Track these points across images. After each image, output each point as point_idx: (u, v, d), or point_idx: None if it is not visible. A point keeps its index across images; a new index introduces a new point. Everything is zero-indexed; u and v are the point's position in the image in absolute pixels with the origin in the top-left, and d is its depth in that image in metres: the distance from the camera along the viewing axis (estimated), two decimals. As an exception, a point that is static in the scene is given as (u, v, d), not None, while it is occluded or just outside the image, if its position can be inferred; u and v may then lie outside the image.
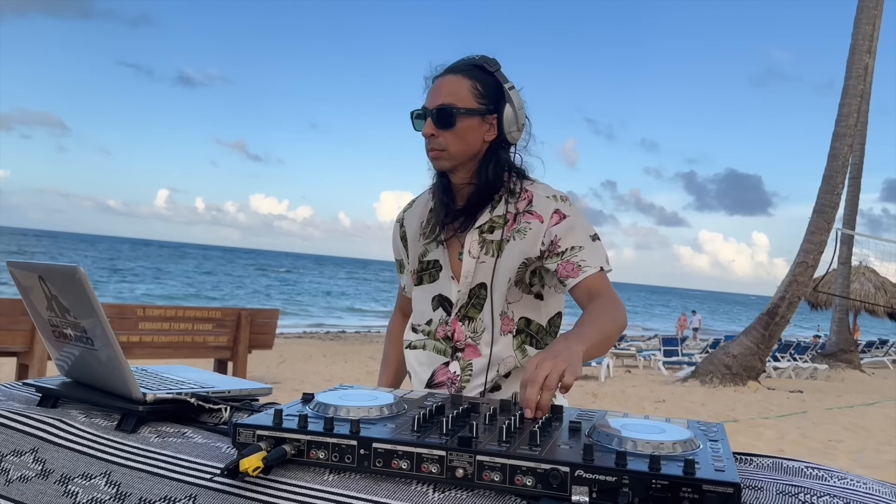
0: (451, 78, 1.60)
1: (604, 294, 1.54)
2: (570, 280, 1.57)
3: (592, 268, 1.57)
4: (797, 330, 35.15)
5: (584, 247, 1.59)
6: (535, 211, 1.63)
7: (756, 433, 7.41)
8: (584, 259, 1.57)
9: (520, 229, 1.62)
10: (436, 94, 1.60)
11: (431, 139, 1.59)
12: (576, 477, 0.87)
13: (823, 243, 12.42)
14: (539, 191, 1.65)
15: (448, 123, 1.58)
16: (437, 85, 1.61)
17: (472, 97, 1.58)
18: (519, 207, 1.64)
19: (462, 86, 1.59)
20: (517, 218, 1.63)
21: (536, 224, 1.61)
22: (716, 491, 0.83)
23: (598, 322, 1.45)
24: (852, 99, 12.34)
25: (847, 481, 0.99)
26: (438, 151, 1.60)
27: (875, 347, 22.85)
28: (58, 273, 1.15)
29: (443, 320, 1.69)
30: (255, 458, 0.93)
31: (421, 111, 1.62)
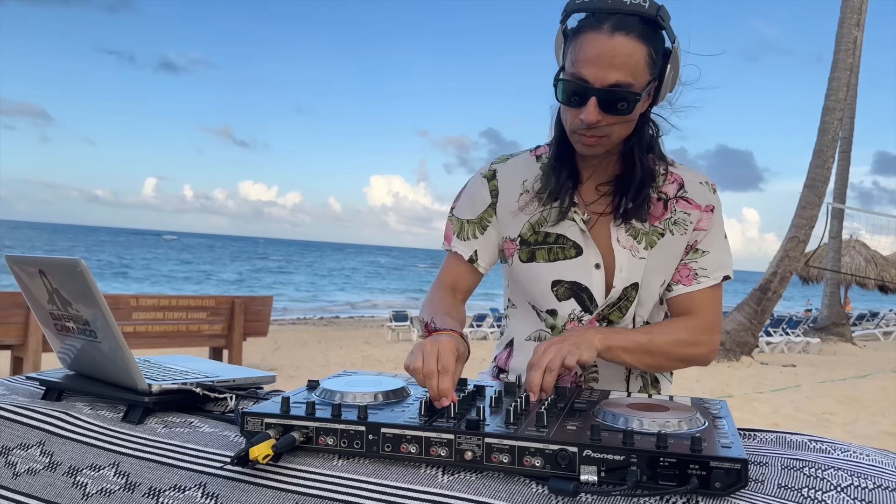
0: (625, 43, 1.20)
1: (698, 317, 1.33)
2: (678, 286, 1.36)
3: (711, 279, 1.36)
4: (786, 304, 35.39)
5: (711, 252, 1.37)
6: (691, 199, 1.38)
7: (751, 408, 7.48)
8: (706, 267, 1.36)
9: (677, 221, 1.37)
10: (606, 67, 1.20)
11: (591, 126, 1.25)
12: (584, 457, 0.88)
13: (814, 218, 12.49)
14: (688, 174, 1.40)
15: (623, 109, 1.23)
16: (604, 50, 1.20)
17: (648, 70, 1.23)
18: (668, 193, 1.38)
19: (640, 55, 1.21)
20: (668, 205, 1.37)
21: (695, 213, 1.37)
22: (723, 467, 0.84)
23: (651, 335, 1.27)
24: (841, 73, 12.35)
25: (850, 453, 1.00)
26: (598, 138, 1.27)
27: (866, 320, 23.07)
28: (59, 266, 1.15)
29: (575, 316, 1.39)
30: (264, 446, 0.93)
31: (577, 83, 1.23)
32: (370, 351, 12.62)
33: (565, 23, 1.29)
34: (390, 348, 13.07)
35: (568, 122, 1.30)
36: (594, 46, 1.20)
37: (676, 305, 1.38)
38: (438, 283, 1.48)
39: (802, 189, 12.52)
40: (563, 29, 1.29)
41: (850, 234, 19.46)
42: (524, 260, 1.42)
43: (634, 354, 1.26)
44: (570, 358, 1.15)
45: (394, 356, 11.90)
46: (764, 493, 0.86)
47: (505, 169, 1.46)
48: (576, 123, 1.27)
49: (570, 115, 1.28)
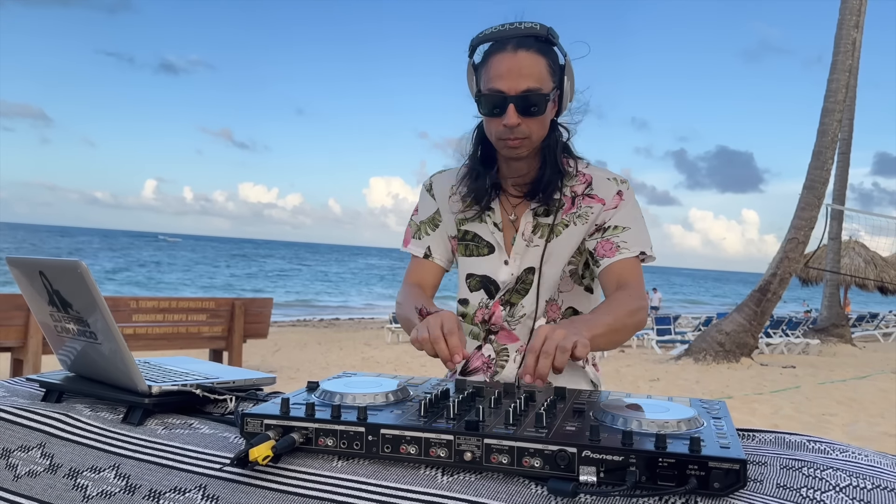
0: (528, 56, 1.43)
1: (631, 285, 1.45)
2: (604, 260, 1.49)
3: (631, 251, 1.49)
4: (780, 305, 35.42)
5: (629, 227, 1.51)
6: (595, 194, 1.54)
7: (750, 409, 7.48)
8: (626, 240, 1.50)
9: (581, 214, 1.54)
10: (516, 77, 1.42)
11: (513, 129, 1.44)
12: (583, 457, 0.88)
13: (814, 219, 12.48)
14: (598, 173, 1.56)
15: (536, 111, 1.43)
16: (512, 65, 1.42)
17: (549, 77, 1.45)
18: (577, 191, 1.54)
19: (541, 65, 1.44)
20: (575, 201, 1.54)
21: (598, 207, 1.53)
22: (722, 467, 0.84)
23: (614, 314, 1.37)
24: (840, 74, 12.36)
25: (848, 454, 1.00)
26: (521, 140, 1.46)
27: (866, 321, 23.05)
28: (59, 268, 1.15)
29: (483, 303, 1.59)
30: (264, 447, 0.93)
31: (495, 95, 1.43)
32: (370, 352, 12.62)
33: (472, 56, 1.50)
34: (390, 350, 13.07)
35: (493, 132, 1.49)
36: (503, 63, 1.43)
37: (607, 277, 1.49)
38: (406, 284, 1.67)
39: (802, 190, 12.52)
40: (471, 63, 1.51)
41: (850, 235, 19.48)
42: (463, 254, 1.63)
43: (606, 337, 1.34)
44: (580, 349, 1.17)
45: (394, 357, 11.89)
46: (763, 494, 0.86)
47: (439, 178, 1.69)
48: (500, 130, 1.46)
49: (493, 125, 1.48)
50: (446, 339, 1.22)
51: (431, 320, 1.27)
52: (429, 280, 1.65)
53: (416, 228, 1.69)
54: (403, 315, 1.54)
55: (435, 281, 1.66)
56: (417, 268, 1.67)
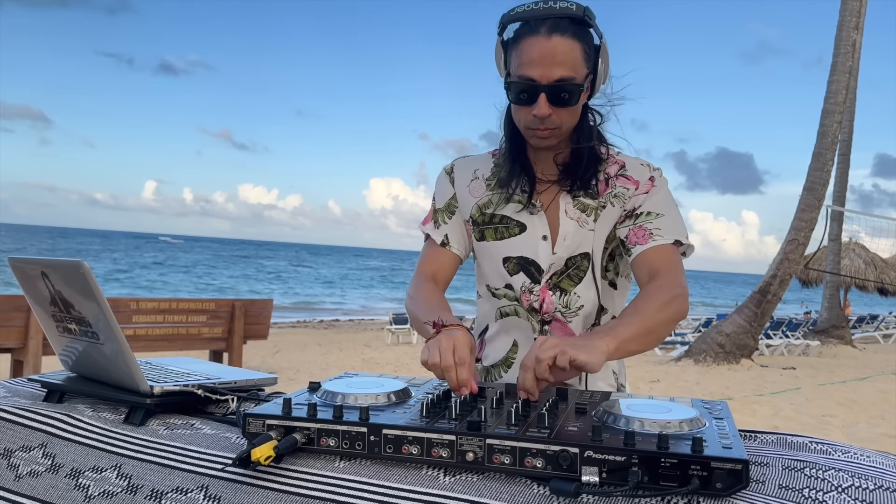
0: (563, 42, 1.33)
1: (663, 274, 1.35)
2: (637, 248, 1.41)
3: (665, 238, 1.40)
4: (781, 306, 35.39)
5: (664, 214, 1.43)
6: (630, 175, 1.48)
7: (751, 410, 7.48)
8: (660, 227, 1.42)
9: (617, 194, 1.47)
10: (549, 65, 1.33)
11: (544, 119, 1.37)
12: (585, 458, 0.88)
13: (814, 221, 12.49)
14: (629, 159, 1.51)
15: (569, 101, 1.36)
16: (546, 51, 1.33)
17: (584, 63, 1.36)
18: (610, 172, 1.48)
19: (576, 52, 1.34)
20: (609, 182, 1.48)
21: (632, 188, 1.46)
22: (724, 468, 0.84)
23: (641, 313, 1.28)
24: (840, 76, 12.37)
25: (850, 455, 1.00)
26: (551, 130, 1.39)
27: (866, 322, 23.05)
28: (61, 268, 1.15)
29: (526, 287, 1.49)
30: (266, 448, 0.93)
31: (526, 83, 1.35)
32: (370, 353, 12.61)
33: (502, 34, 1.41)
34: (390, 351, 13.06)
35: (521, 120, 1.42)
36: (535, 49, 1.33)
37: (639, 267, 1.41)
38: (420, 274, 1.57)
39: (802, 192, 12.52)
40: (500, 40, 1.41)
41: (850, 236, 19.49)
42: (477, 239, 1.56)
43: (639, 340, 1.24)
44: (561, 358, 1.09)
45: (394, 359, 11.89)
46: (765, 494, 0.86)
47: (462, 163, 1.62)
48: (529, 119, 1.39)
49: (522, 114, 1.40)
50: (457, 368, 1.15)
51: (444, 343, 1.18)
52: (444, 271, 1.57)
53: (435, 215, 1.61)
54: (414, 312, 1.46)
55: (450, 272, 1.58)
56: (434, 256, 1.58)
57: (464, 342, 1.20)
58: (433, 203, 1.63)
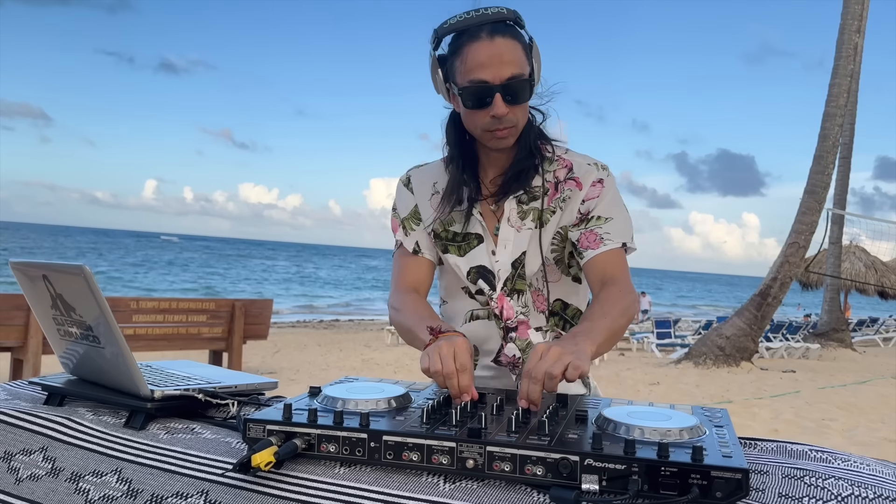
0: (506, 42, 1.38)
1: (618, 280, 1.41)
2: (588, 252, 1.46)
3: (614, 242, 1.46)
4: (780, 309, 35.28)
5: (612, 218, 1.48)
6: (576, 177, 1.51)
7: (750, 413, 7.48)
8: (609, 231, 1.46)
9: (565, 198, 1.50)
10: (498, 64, 1.36)
11: (502, 119, 1.40)
12: (585, 466, 0.88)
13: (815, 224, 12.49)
14: (578, 158, 1.53)
15: (522, 97, 1.40)
16: (492, 52, 1.37)
17: (526, 61, 1.40)
18: (559, 176, 1.51)
19: (518, 49, 1.39)
20: (559, 187, 1.51)
21: (576, 192, 1.50)
22: (724, 477, 0.84)
23: (609, 316, 1.32)
24: (842, 79, 12.37)
25: (850, 463, 1.00)
26: (509, 129, 1.42)
27: (866, 326, 23.02)
28: (63, 272, 1.15)
29: (488, 294, 1.54)
30: (266, 453, 0.94)
31: (479, 86, 1.38)
32: (370, 354, 12.61)
33: (437, 49, 1.46)
34: (390, 352, 13.06)
35: (478, 124, 1.44)
36: (482, 52, 1.37)
37: (592, 270, 1.46)
38: (400, 286, 1.57)
39: (803, 195, 12.52)
40: (435, 56, 1.46)
41: (851, 239, 19.48)
42: (442, 252, 1.59)
43: (608, 343, 1.30)
44: (571, 372, 1.10)
45: (394, 360, 11.89)
46: (765, 503, 0.86)
47: (418, 174, 1.63)
48: (486, 122, 1.41)
49: (478, 118, 1.42)
50: (459, 375, 1.16)
51: (444, 350, 1.19)
52: (423, 280, 1.58)
53: (402, 223, 1.62)
54: (403, 324, 1.46)
55: (429, 280, 1.59)
56: (410, 266, 1.58)
57: (464, 348, 1.21)
58: (394, 213, 1.64)
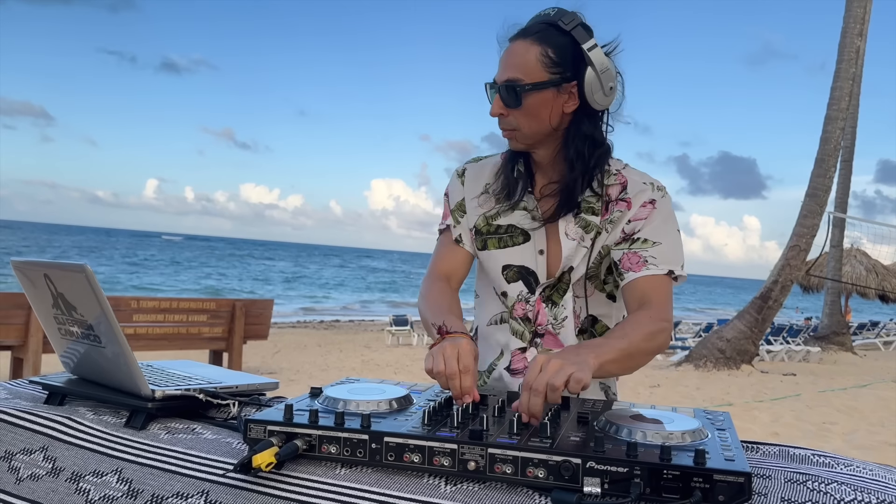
0: (520, 45, 1.39)
1: (654, 305, 1.36)
2: (629, 274, 1.40)
3: (659, 268, 1.39)
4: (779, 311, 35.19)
5: (661, 242, 1.42)
6: (628, 198, 1.45)
7: (751, 416, 7.47)
8: (656, 256, 1.40)
9: (613, 220, 1.46)
10: (504, 66, 1.40)
11: (501, 119, 1.42)
12: (587, 468, 0.88)
13: (816, 227, 12.48)
14: (635, 176, 1.48)
15: (516, 102, 1.39)
16: (506, 53, 1.41)
17: (542, 67, 1.37)
18: (611, 193, 1.46)
19: (531, 54, 1.37)
20: (609, 207, 1.46)
21: (625, 212, 1.45)
22: (727, 480, 0.84)
23: (629, 338, 1.27)
24: (844, 82, 12.36)
25: (853, 468, 1.00)
26: (510, 132, 1.43)
27: (867, 329, 23.01)
28: (64, 271, 1.15)
29: (523, 297, 1.50)
30: (267, 454, 0.93)
31: (492, 84, 1.43)
32: (370, 355, 12.61)
33: None
34: (390, 352, 13.06)
35: None
36: (503, 52, 1.43)
37: (630, 293, 1.41)
38: (432, 274, 1.57)
39: (804, 198, 12.51)
40: None
41: (852, 243, 19.48)
42: (479, 248, 1.56)
43: (619, 363, 1.25)
44: (573, 385, 1.07)
45: (394, 360, 11.89)
46: (767, 507, 0.86)
47: (473, 168, 1.61)
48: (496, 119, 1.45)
49: None
50: (461, 376, 1.16)
51: (448, 351, 1.18)
52: (458, 269, 1.57)
53: (452, 213, 1.61)
54: (424, 312, 1.46)
55: (464, 271, 1.58)
56: (447, 253, 1.58)
57: (467, 350, 1.20)
58: (446, 198, 1.63)
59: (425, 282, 1.55)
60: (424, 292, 1.52)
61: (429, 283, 1.54)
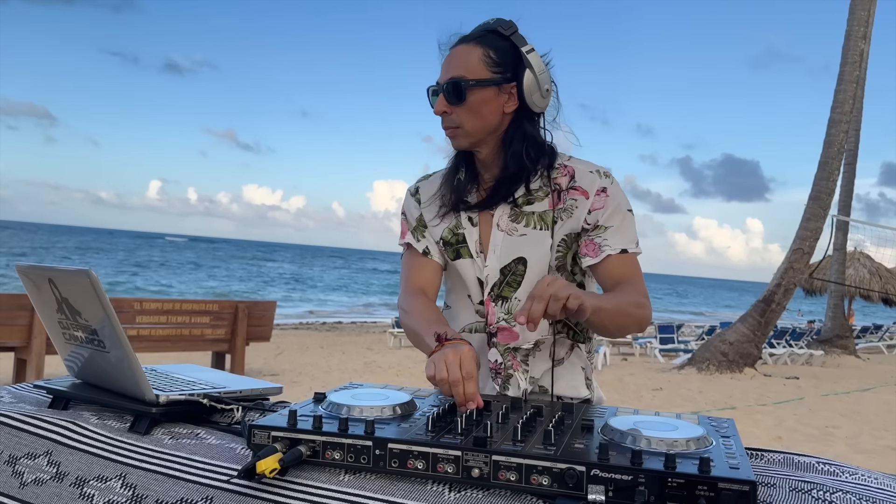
0: (462, 48, 1.48)
1: (634, 282, 1.45)
2: (586, 259, 1.49)
3: (612, 248, 1.47)
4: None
5: (612, 226, 1.49)
6: (579, 186, 1.51)
7: (753, 420, 7.46)
8: (607, 238, 1.48)
9: (566, 207, 1.51)
10: (447, 68, 1.48)
11: (445, 117, 1.49)
12: (592, 476, 0.88)
13: (819, 230, 12.46)
14: (580, 165, 1.54)
15: (459, 98, 1.46)
16: (448, 57, 1.50)
17: (484, 66, 1.46)
18: (561, 184, 1.52)
19: (473, 55, 1.46)
20: (562, 196, 1.52)
21: (582, 200, 1.50)
22: (732, 489, 0.83)
23: (618, 299, 1.39)
24: (848, 85, 12.34)
25: (858, 476, 1.00)
26: (453, 129, 1.49)
27: (870, 333, 22.96)
28: (68, 276, 1.15)
29: (478, 301, 1.56)
30: (271, 460, 0.93)
31: (435, 87, 1.51)
32: (372, 357, 12.61)
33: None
34: (392, 354, 13.06)
35: None
36: (445, 57, 1.51)
37: (602, 278, 1.50)
38: (408, 290, 1.58)
39: (807, 201, 12.50)
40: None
41: (855, 245, 19.44)
42: (452, 258, 1.58)
43: (611, 316, 1.35)
44: (573, 301, 1.19)
45: (396, 362, 11.89)
46: (772, 516, 0.85)
47: (425, 184, 1.67)
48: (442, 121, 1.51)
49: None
50: (464, 383, 1.17)
51: (450, 357, 1.20)
52: (432, 282, 1.60)
53: (412, 231, 1.65)
54: (411, 327, 1.49)
55: (437, 282, 1.62)
56: (418, 268, 1.61)
57: (470, 356, 1.21)
58: (403, 217, 1.68)
59: (403, 298, 1.58)
60: (407, 308, 1.54)
61: (408, 299, 1.56)
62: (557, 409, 1.16)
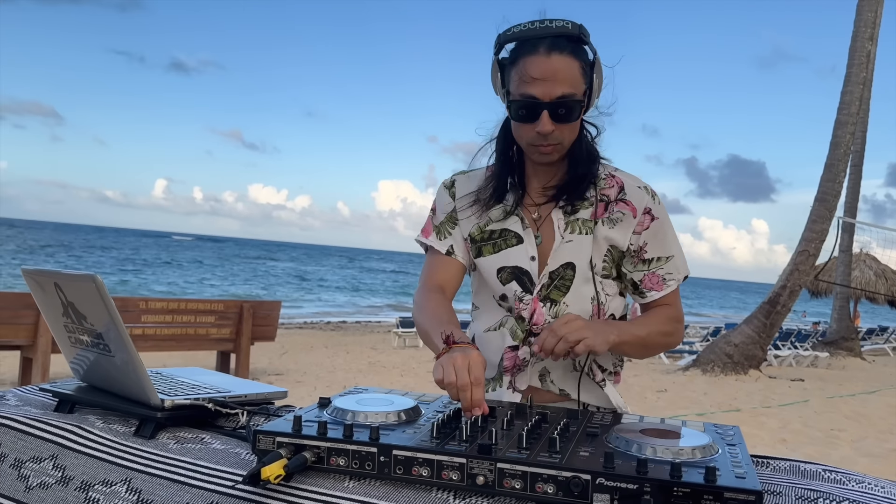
0: (562, 60, 1.38)
1: (673, 306, 1.53)
2: (652, 293, 1.51)
3: (676, 280, 1.52)
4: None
5: (673, 256, 1.51)
6: (629, 200, 1.49)
7: (758, 422, 7.44)
8: (671, 272, 1.51)
9: (612, 218, 1.50)
10: (551, 83, 1.37)
11: (548, 136, 1.41)
12: (597, 485, 0.87)
13: (825, 231, 12.42)
14: (628, 179, 1.52)
15: (570, 117, 1.40)
16: (546, 69, 1.37)
17: (582, 81, 1.41)
18: (609, 195, 1.51)
19: (575, 70, 1.39)
20: (609, 207, 1.50)
21: (629, 216, 1.49)
22: (738, 498, 0.83)
23: (648, 329, 1.44)
24: (854, 87, 12.30)
25: (865, 485, 0.99)
26: (554, 146, 1.43)
27: (875, 335, 22.88)
28: (74, 281, 1.15)
29: (518, 296, 1.51)
30: (276, 466, 0.93)
31: (528, 101, 1.39)
32: (377, 357, 12.61)
33: (499, 54, 1.45)
34: (397, 354, 13.06)
35: (523, 137, 1.45)
36: (536, 67, 1.37)
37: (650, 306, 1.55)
38: (426, 285, 1.57)
39: (813, 203, 12.46)
40: (496, 60, 1.46)
41: (861, 247, 19.37)
42: (475, 256, 1.57)
43: (634, 347, 1.44)
44: (581, 346, 1.27)
45: (400, 362, 11.89)
46: (778, 526, 0.85)
47: (462, 179, 1.62)
48: (532, 136, 1.42)
49: (524, 131, 1.44)
50: (472, 388, 1.15)
51: (459, 362, 1.18)
52: (451, 281, 1.58)
53: (437, 228, 1.61)
54: (423, 325, 1.46)
55: (457, 282, 1.59)
56: (439, 265, 1.58)
57: (478, 361, 1.19)
58: (432, 215, 1.64)
59: (420, 293, 1.55)
60: (421, 303, 1.51)
61: (424, 294, 1.54)
62: (562, 415, 1.16)
